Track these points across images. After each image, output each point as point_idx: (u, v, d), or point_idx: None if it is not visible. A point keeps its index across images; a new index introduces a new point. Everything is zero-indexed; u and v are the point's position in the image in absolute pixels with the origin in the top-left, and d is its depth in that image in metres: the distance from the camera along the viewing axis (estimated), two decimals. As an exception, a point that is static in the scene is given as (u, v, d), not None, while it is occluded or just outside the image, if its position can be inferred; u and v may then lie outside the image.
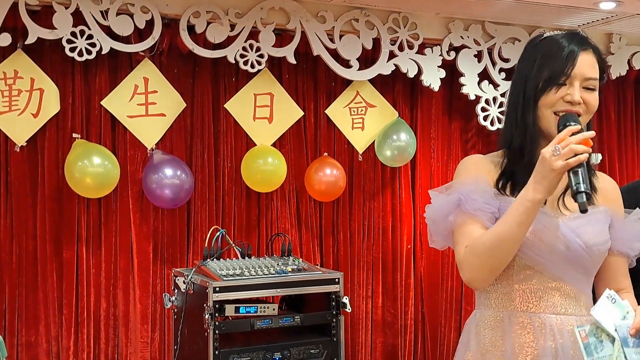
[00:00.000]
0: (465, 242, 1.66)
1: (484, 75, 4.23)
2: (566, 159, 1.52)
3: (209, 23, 3.61)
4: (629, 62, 4.57)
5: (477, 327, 1.75)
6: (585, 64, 1.69)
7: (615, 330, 1.55)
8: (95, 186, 3.44)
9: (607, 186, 1.82)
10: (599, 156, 4.64)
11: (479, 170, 1.74)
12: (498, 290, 1.73)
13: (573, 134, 1.55)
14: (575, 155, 1.52)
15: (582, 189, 1.52)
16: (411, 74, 4.06)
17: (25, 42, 3.33)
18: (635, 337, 1.55)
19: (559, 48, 1.68)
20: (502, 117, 1.81)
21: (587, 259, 1.69)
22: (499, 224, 1.62)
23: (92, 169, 3.40)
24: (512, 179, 1.72)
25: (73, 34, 3.37)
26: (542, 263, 1.67)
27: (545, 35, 1.74)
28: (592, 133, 1.58)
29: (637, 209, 1.85)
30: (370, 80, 4.07)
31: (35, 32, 3.32)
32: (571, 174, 1.54)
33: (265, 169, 3.78)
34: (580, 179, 1.53)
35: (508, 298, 1.70)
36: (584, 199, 1.52)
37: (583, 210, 1.51)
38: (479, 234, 1.65)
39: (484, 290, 1.75)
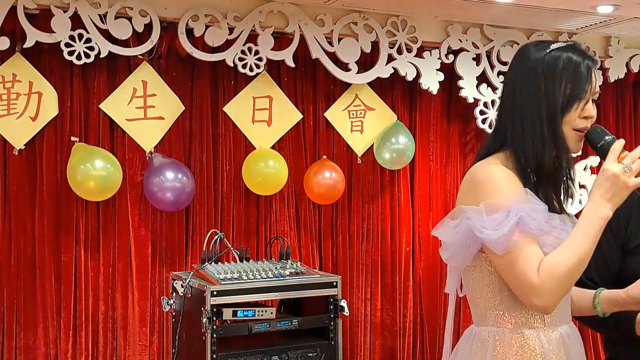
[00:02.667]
0: (535, 266, 1.54)
1: (482, 78, 4.24)
2: (637, 176, 1.56)
3: (207, 26, 3.61)
4: (627, 65, 4.58)
5: (513, 347, 1.64)
6: (595, 79, 1.70)
7: None
8: (98, 189, 3.44)
9: None
10: (597, 159, 4.65)
11: (516, 183, 1.63)
12: (520, 305, 1.65)
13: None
14: None
15: None
16: (410, 77, 4.07)
17: (24, 46, 3.34)
18: None
19: (577, 64, 1.67)
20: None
21: None
22: (574, 246, 1.56)
23: (95, 172, 3.41)
24: (544, 192, 1.68)
25: (71, 37, 3.37)
26: None
27: (552, 48, 1.69)
28: None
29: None
30: (369, 84, 4.08)
31: (33, 36, 3.32)
32: None
33: (266, 172, 3.78)
34: None
35: (539, 315, 1.65)
36: None
37: None
38: (541, 255, 1.56)
39: (504, 307, 1.66)
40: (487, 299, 1.68)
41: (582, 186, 4.57)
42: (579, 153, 4.55)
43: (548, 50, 1.68)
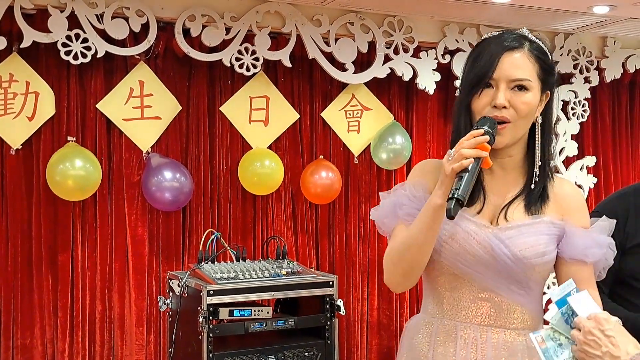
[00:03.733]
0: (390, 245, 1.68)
1: (478, 79, 4.24)
2: (456, 164, 1.49)
3: (204, 26, 3.62)
4: (623, 65, 4.60)
5: (409, 331, 1.76)
6: (511, 64, 1.59)
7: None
8: (77, 188, 3.42)
9: (565, 193, 1.71)
10: (593, 159, 4.66)
11: (423, 176, 1.71)
12: (432, 295, 1.72)
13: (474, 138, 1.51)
14: (466, 159, 1.48)
15: (454, 195, 1.48)
16: (406, 77, 4.08)
17: (21, 46, 3.35)
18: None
19: (483, 50, 1.62)
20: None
21: (517, 271, 1.62)
22: (408, 229, 1.62)
23: (73, 171, 3.38)
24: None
25: (68, 37, 3.38)
26: (468, 273, 1.63)
27: (483, 37, 1.69)
28: (485, 137, 1.52)
29: (599, 221, 1.77)
30: (366, 84, 4.08)
31: (30, 36, 3.33)
32: (455, 179, 1.50)
33: (262, 172, 3.79)
34: (462, 185, 1.48)
35: (439, 304, 1.69)
36: (451, 205, 1.47)
37: (449, 217, 1.48)
38: None
39: (425, 295, 1.76)
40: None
41: (578, 186, 4.58)
42: (575, 153, 4.57)
43: (479, 41, 1.69)
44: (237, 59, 3.70)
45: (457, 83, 4.18)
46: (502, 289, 1.64)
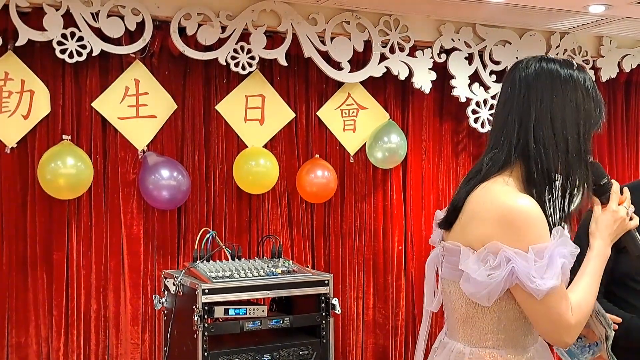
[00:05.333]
0: (569, 306, 1.56)
1: (474, 78, 4.25)
2: (630, 220, 1.69)
3: (199, 25, 3.61)
4: (619, 64, 4.60)
5: None
6: None
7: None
8: (68, 187, 3.41)
9: None
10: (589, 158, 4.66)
11: (545, 220, 1.61)
12: (524, 327, 1.66)
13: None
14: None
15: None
16: (402, 76, 4.08)
17: (16, 44, 3.34)
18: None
19: (599, 93, 1.70)
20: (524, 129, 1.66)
21: None
22: (591, 282, 1.63)
23: (65, 170, 3.38)
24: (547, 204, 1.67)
25: (63, 35, 3.37)
26: None
27: (575, 65, 1.69)
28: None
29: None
30: (362, 83, 4.08)
31: (25, 34, 3.32)
32: (636, 233, 1.72)
33: (257, 171, 3.79)
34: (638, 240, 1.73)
35: (533, 331, 1.69)
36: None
37: None
38: (568, 293, 1.60)
39: (511, 328, 1.66)
40: (491, 323, 1.66)
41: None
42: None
43: (574, 68, 1.68)
44: (233, 58, 3.70)
45: (454, 82, 4.19)
46: None
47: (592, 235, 1.66)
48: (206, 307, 3.05)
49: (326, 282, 3.31)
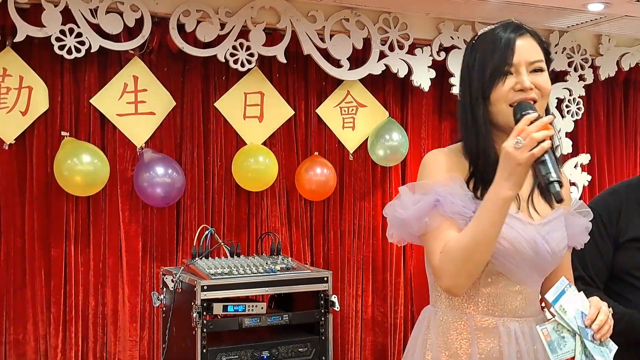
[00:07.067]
0: (440, 248, 1.57)
1: (473, 76, 4.24)
2: (530, 150, 1.44)
3: (199, 22, 3.61)
4: (617, 63, 4.61)
5: (441, 328, 1.69)
6: (525, 49, 1.62)
7: (577, 323, 1.56)
8: (85, 184, 3.43)
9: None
10: (588, 156, 4.67)
11: (450, 171, 1.65)
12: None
13: (531, 123, 1.47)
14: (539, 144, 1.44)
15: (554, 178, 1.43)
16: (401, 74, 4.08)
17: (14, 40, 3.33)
18: (589, 327, 1.55)
19: (495, 40, 1.63)
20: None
21: (551, 264, 1.68)
22: (471, 227, 1.53)
23: (81, 167, 3.40)
24: (482, 179, 1.63)
25: (62, 32, 3.36)
26: (511, 269, 1.63)
27: (480, 33, 1.69)
28: (550, 117, 1.51)
29: (576, 199, 1.86)
30: (361, 80, 4.08)
31: (24, 30, 3.31)
32: (539, 165, 1.46)
33: (256, 168, 3.78)
34: (550, 168, 1.45)
35: (473, 301, 1.65)
36: (558, 188, 1.43)
37: (559, 200, 1.44)
38: (451, 238, 1.57)
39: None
40: (431, 279, 1.75)
41: (572, 184, 4.59)
42: (570, 150, 4.59)
43: (477, 37, 1.69)
44: (232, 55, 3.70)
45: (453, 80, 4.19)
46: (533, 281, 1.68)
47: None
48: (205, 304, 3.04)
49: (325, 279, 3.30)
